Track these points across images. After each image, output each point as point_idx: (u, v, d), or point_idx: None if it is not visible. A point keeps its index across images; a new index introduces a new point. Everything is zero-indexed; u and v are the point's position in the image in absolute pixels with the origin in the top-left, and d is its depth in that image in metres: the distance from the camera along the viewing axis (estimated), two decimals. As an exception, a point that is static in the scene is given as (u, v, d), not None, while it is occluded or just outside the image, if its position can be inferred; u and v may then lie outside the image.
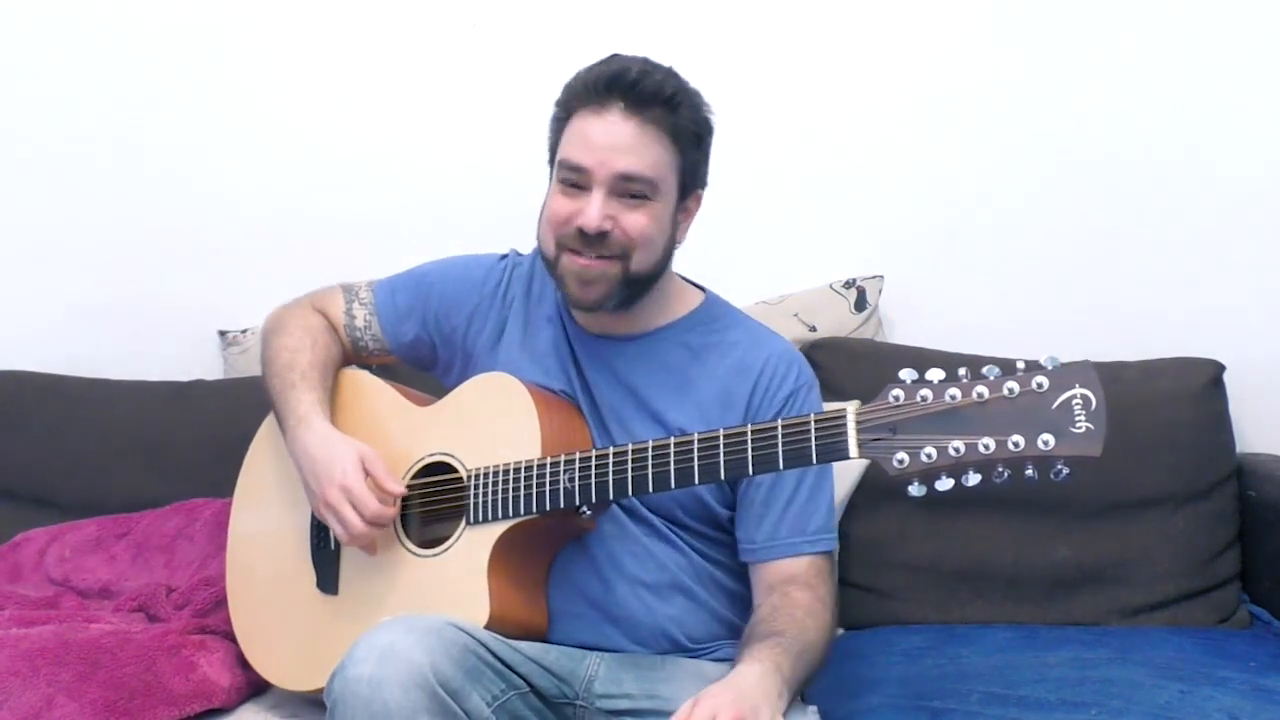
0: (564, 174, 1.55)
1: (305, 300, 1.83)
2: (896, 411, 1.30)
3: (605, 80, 1.53)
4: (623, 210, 1.54)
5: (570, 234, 1.55)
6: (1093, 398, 1.24)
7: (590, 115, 1.53)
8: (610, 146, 1.52)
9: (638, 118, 1.52)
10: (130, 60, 2.49)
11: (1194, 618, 2.03)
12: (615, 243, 1.54)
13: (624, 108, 1.52)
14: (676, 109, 1.54)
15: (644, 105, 1.52)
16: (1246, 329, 2.26)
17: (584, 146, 1.53)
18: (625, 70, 1.53)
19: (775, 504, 1.58)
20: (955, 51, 2.34)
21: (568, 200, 1.55)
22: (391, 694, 1.32)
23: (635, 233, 1.54)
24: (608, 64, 1.55)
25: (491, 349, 1.71)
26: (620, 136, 1.52)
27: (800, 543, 1.58)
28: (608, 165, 1.52)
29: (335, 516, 1.59)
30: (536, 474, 1.52)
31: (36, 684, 1.63)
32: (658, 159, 1.54)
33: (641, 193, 1.54)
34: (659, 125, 1.53)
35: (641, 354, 1.65)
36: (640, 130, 1.52)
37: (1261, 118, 2.28)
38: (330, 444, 1.63)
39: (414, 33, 2.44)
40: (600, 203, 1.52)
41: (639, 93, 1.52)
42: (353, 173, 2.47)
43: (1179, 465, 2.07)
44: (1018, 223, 2.35)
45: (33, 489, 2.28)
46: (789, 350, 1.68)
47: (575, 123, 1.55)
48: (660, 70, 1.56)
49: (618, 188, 1.53)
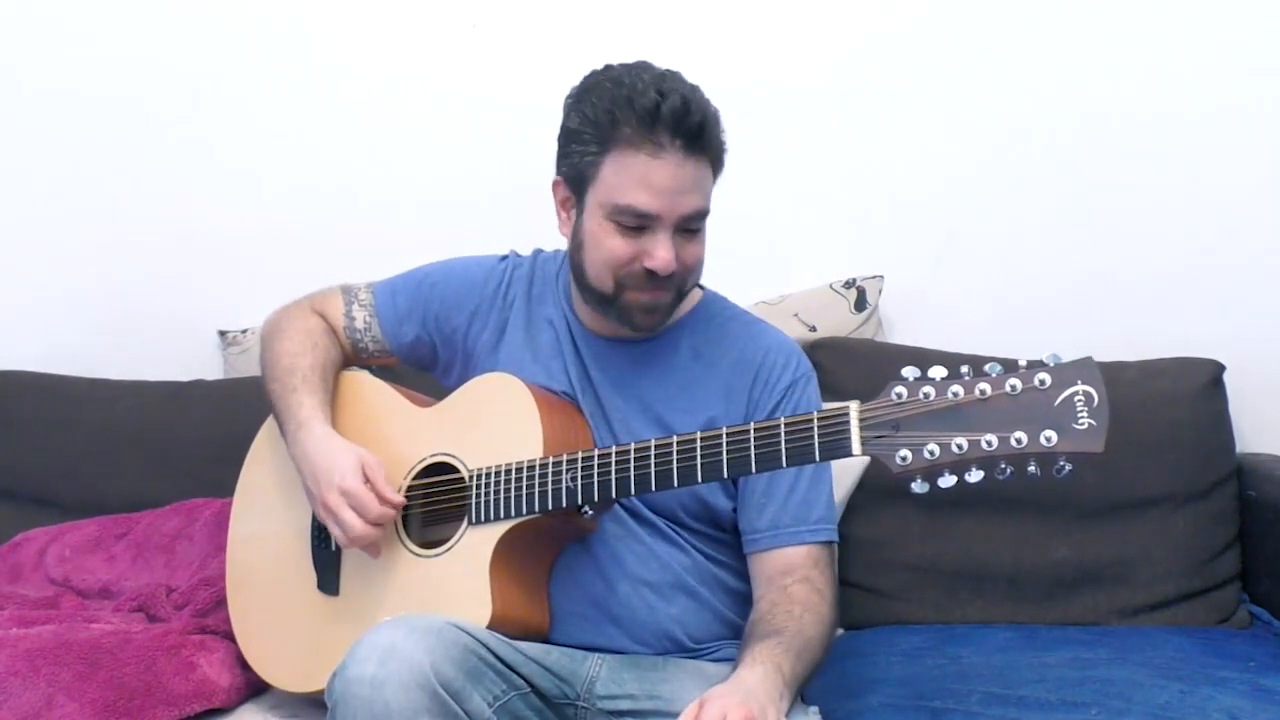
0: (623, 218, 1.52)
1: (304, 302, 1.83)
2: (899, 409, 1.31)
3: (668, 119, 1.47)
4: (683, 245, 1.55)
5: (635, 273, 1.54)
6: (1095, 394, 1.25)
7: (645, 157, 1.49)
8: (676, 190, 1.50)
9: (694, 159, 1.50)
10: (130, 60, 2.50)
11: (1194, 618, 2.03)
12: (678, 276, 1.56)
13: (683, 149, 1.49)
14: (719, 144, 1.55)
15: (702, 147, 1.51)
16: (1246, 329, 2.26)
17: (648, 191, 1.50)
18: (685, 109, 1.48)
19: (777, 493, 1.58)
20: (955, 51, 2.34)
21: (627, 242, 1.53)
22: (393, 694, 1.32)
23: (693, 262, 1.57)
24: (656, 93, 1.48)
25: (493, 350, 1.71)
26: (684, 180, 1.50)
27: (803, 531, 1.58)
28: (676, 209, 1.51)
29: (335, 519, 1.59)
30: (539, 473, 1.52)
31: (36, 684, 1.63)
32: (709, 190, 1.55)
33: (698, 226, 1.55)
34: (706, 159, 1.53)
35: (645, 355, 1.65)
36: (697, 170, 1.52)
37: (1262, 117, 2.28)
38: (331, 448, 1.63)
39: (414, 33, 2.44)
40: (669, 244, 1.52)
41: (701, 136, 1.50)
42: (353, 173, 2.47)
43: (1179, 465, 2.07)
44: (1018, 223, 2.35)
45: (33, 489, 2.29)
46: (787, 342, 1.69)
47: (624, 160, 1.50)
48: (698, 96, 1.51)
49: (683, 224, 1.54)
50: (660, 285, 1.55)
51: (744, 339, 1.67)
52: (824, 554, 1.60)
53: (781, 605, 1.51)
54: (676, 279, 1.56)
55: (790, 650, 1.44)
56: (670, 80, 1.51)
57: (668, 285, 1.56)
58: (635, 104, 1.48)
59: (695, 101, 1.50)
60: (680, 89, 1.50)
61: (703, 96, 1.53)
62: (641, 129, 1.48)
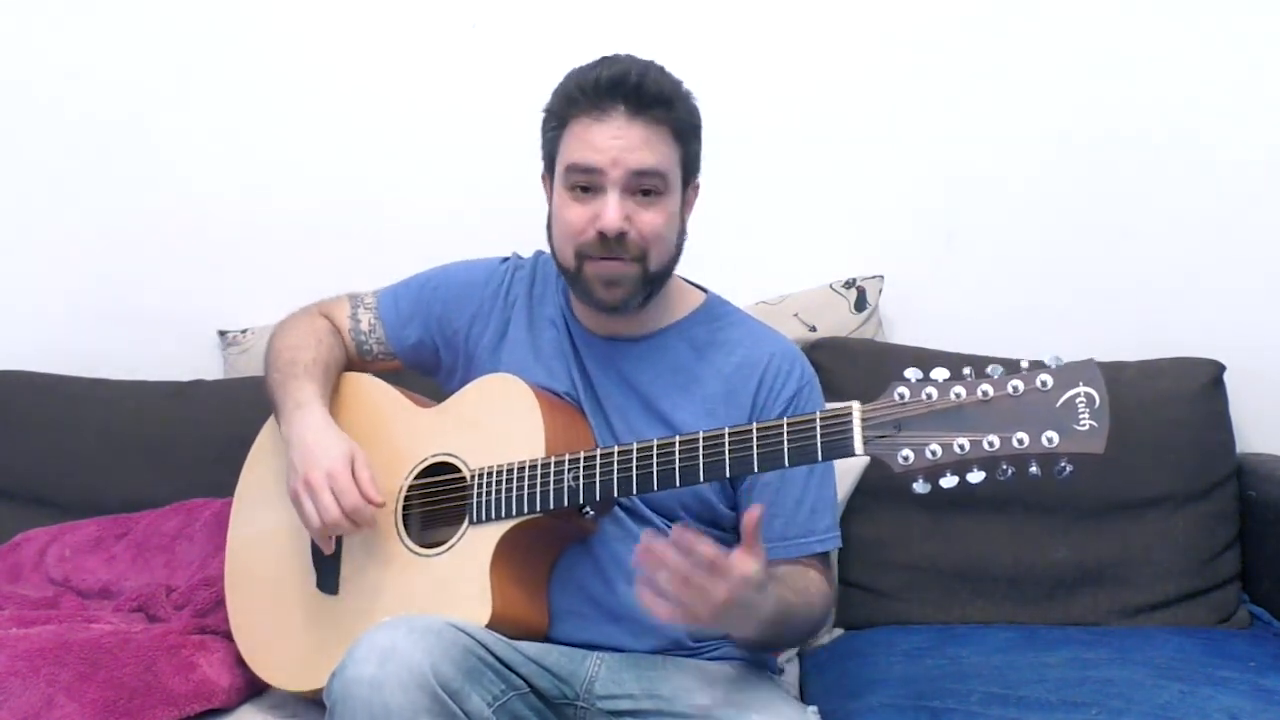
0: (574, 178, 1.55)
1: (312, 308, 1.85)
2: (902, 409, 1.31)
3: (606, 84, 1.53)
4: (637, 210, 1.54)
5: (590, 240, 1.55)
6: (1096, 395, 1.25)
7: (591, 121, 1.53)
8: (622, 148, 1.52)
9: (641, 119, 1.53)
10: (131, 60, 2.49)
11: (1194, 618, 2.03)
12: (633, 244, 1.55)
13: (625, 110, 1.53)
14: (674, 105, 1.55)
15: (646, 106, 1.53)
16: (1246, 329, 2.26)
17: (592, 149, 1.53)
18: (625, 73, 1.53)
19: (785, 505, 1.59)
20: (955, 50, 2.34)
21: (581, 206, 1.55)
22: (392, 695, 1.32)
23: (650, 231, 1.55)
24: (602, 67, 1.54)
25: (494, 351, 1.71)
26: (630, 138, 1.52)
27: (811, 542, 1.60)
28: (621, 164, 1.52)
29: (313, 498, 1.58)
30: (540, 473, 1.52)
31: (36, 684, 1.63)
32: (665, 154, 1.55)
33: (654, 188, 1.55)
34: (661, 123, 1.54)
35: (646, 354, 1.65)
36: (646, 130, 1.53)
37: (1262, 116, 2.28)
38: (325, 432, 1.63)
39: (414, 33, 2.44)
40: (617, 202, 1.53)
41: (641, 95, 1.52)
42: (353, 173, 2.47)
43: (1179, 465, 2.07)
44: (1017, 223, 2.35)
45: (33, 489, 2.28)
46: (791, 348, 1.69)
47: (575, 129, 1.55)
48: (653, 69, 1.56)
49: (631, 185, 1.53)
50: (616, 253, 1.54)
51: (748, 342, 1.67)
52: (828, 558, 1.64)
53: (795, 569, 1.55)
54: (634, 250, 1.55)
55: (792, 587, 1.48)
56: (626, 60, 1.55)
57: (623, 254, 1.55)
58: (585, 77, 1.55)
59: (638, 68, 1.54)
60: (629, 61, 1.55)
61: (657, 68, 1.56)
62: (587, 98, 1.54)
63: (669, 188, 1.56)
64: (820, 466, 1.55)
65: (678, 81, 1.58)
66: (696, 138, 1.60)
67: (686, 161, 1.59)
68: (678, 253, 1.62)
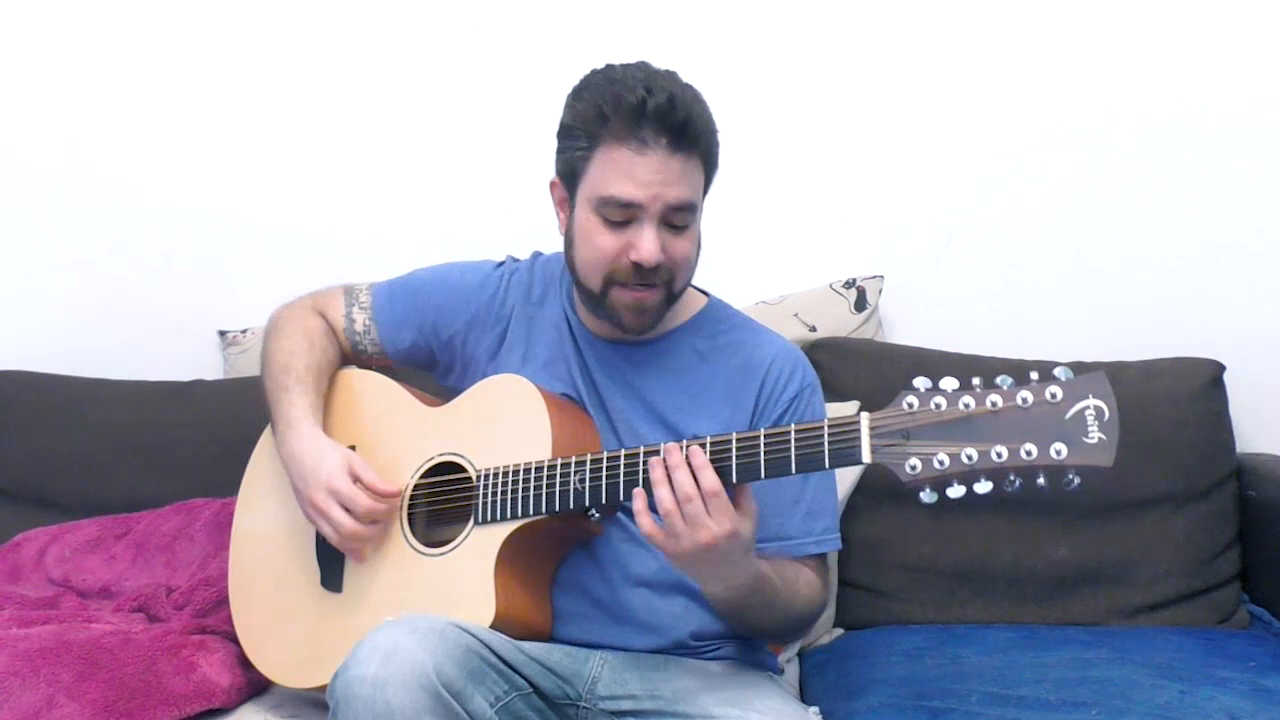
0: (608, 210, 1.52)
1: (307, 300, 1.83)
2: (910, 418, 1.30)
3: (653, 115, 1.48)
4: (670, 239, 1.54)
5: (623, 269, 1.54)
6: (1106, 409, 1.25)
7: (631, 153, 1.49)
8: (661, 183, 1.50)
9: (681, 153, 1.50)
10: (131, 60, 2.49)
11: (1194, 618, 2.03)
12: (665, 271, 1.55)
13: (669, 144, 1.49)
14: (710, 138, 1.54)
15: (691, 142, 1.51)
16: (1246, 329, 2.26)
17: (632, 183, 1.50)
18: (670, 105, 1.48)
19: (783, 506, 1.59)
20: (955, 50, 2.34)
21: (614, 235, 1.53)
22: (394, 695, 1.32)
23: (681, 258, 1.55)
24: (644, 90, 1.48)
25: (492, 356, 1.71)
26: (669, 173, 1.50)
27: (808, 543, 1.60)
28: (660, 198, 1.51)
29: (324, 518, 1.60)
30: (546, 474, 1.52)
31: (36, 684, 1.63)
32: (697, 185, 1.55)
33: (686, 221, 1.54)
34: (697, 156, 1.52)
35: (650, 358, 1.65)
36: (684, 163, 1.51)
37: (1262, 117, 2.28)
38: (317, 449, 1.63)
39: (414, 33, 2.44)
40: (654, 235, 1.52)
41: (687, 130, 1.49)
42: (352, 173, 2.47)
43: (1179, 465, 2.07)
44: (1018, 223, 2.35)
45: (33, 489, 2.28)
46: (793, 351, 1.68)
47: (611, 154, 1.51)
48: (694, 100, 1.52)
49: (666, 217, 1.53)
50: (647, 282, 1.55)
51: (750, 345, 1.66)
52: (822, 562, 1.63)
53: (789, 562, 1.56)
54: (664, 276, 1.55)
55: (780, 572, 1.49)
56: (662, 79, 1.52)
57: (654, 282, 1.55)
58: (622, 100, 1.49)
59: (683, 99, 1.49)
60: (671, 87, 1.50)
61: (694, 95, 1.52)
62: (627, 125, 1.49)
63: (697, 216, 1.57)
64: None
65: (707, 106, 1.54)
66: (716, 158, 1.58)
67: (706, 186, 1.58)
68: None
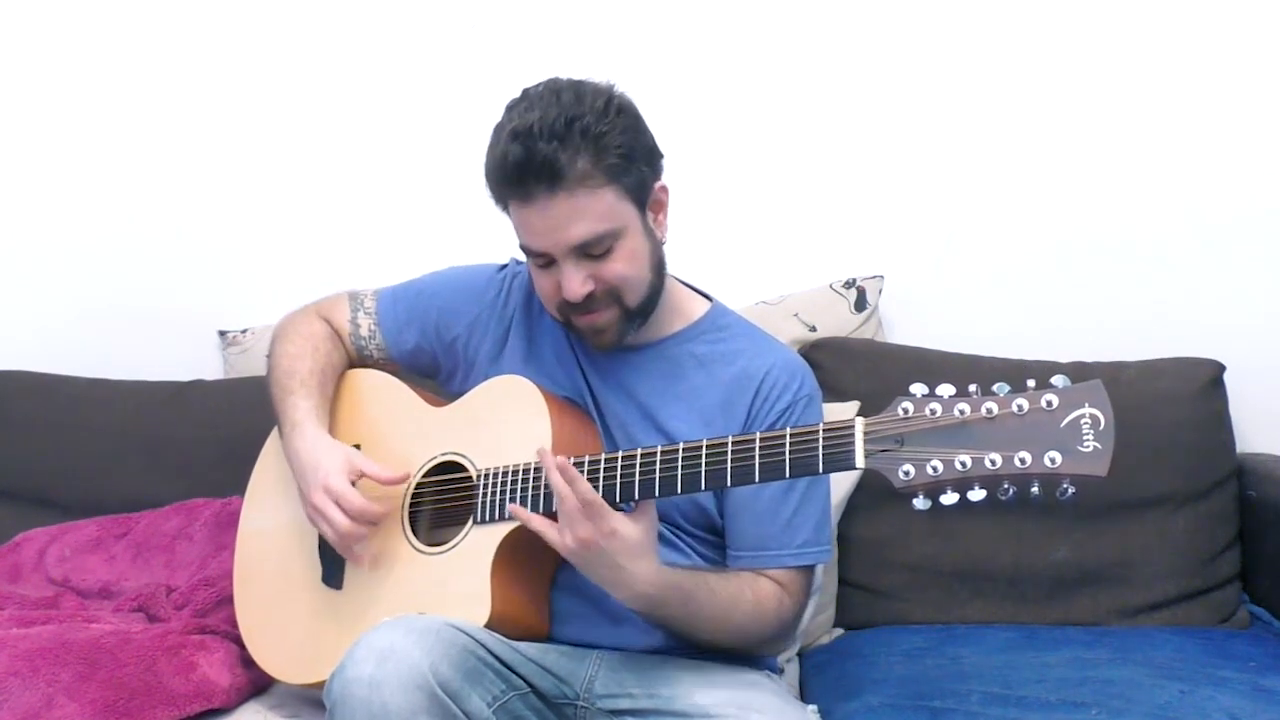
0: (532, 258, 1.56)
1: (312, 307, 1.84)
2: (905, 424, 1.30)
3: (514, 171, 1.47)
4: (597, 267, 1.53)
5: (564, 303, 1.56)
6: (1102, 417, 1.24)
7: (519, 205, 1.51)
8: (553, 229, 1.50)
9: (563, 191, 1.47)
10: (131, 60, 2.50)
11: (1194, 618, 2.03)
12: (603, 295, 1.55)
13: (546, 190, 1.47)
14: (596, 156, 1.48)
15: (562, 178, 1.46)
16: (1246, 329, 2.26)
17: (531, 233, 1.52)
18: (529, 154, 1.45)
19: (763, 515, 1.58)
20: (955, 50, 2.34)
21: (547, 276, 1.56)
22: (391, 695, 1.32)
23: (615, 279, 1.54)
24: (502, 146, 1.49)
25: (494, 359, 1.71)
26: (557, 216, 1.49)
27: (784, 555, 1.58)
28: (561, 243, 1.51)
29: (322, 519, 1.60)
30: (546, 476, 1.52)
31: (36, 684, 1.63)
32: (604, 209, 1.50)
33: (604, 248, 1.52)
34: (588, 182, 1.48)
35: (647, 364, 1.65)
36: (571, 200, 1.48)
37: (1261, 117, 2.28)
38: (318, 449, 1.63)
39: (413, 33, 2.44)
40: (572, 274, 1.52)
41: (555, 171, 1.46)
42: (352, 173, 2.47)
43: (1179, 465, 2.07)
44: (1018, 223, 2.35)
45: (33, 489, 2.28)
46: (794, 361, 1.67)
47: (512, 210, 1.54)
48: (565, 128, 1.46)
49: (581, 252, 1.52)
50: (591, 308, 1.55)
51: (749, 353, 1.65)
52: (801, 576, 1.61)
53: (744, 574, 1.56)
54: (609, 297, 1.55)
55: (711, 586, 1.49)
56: (538, 114, 1.47)
57: (598, 306, 1.55)
58: (493, 162, 1.52)
59: (544, 137, 1.45)
60: (540, 131, 1.45)
61: (566, 121, 1.46)
62: (507, 184, 1.51)
63: (621, 234, 1.53)
64: (803, 479, 1.55)
65: (598, 113, 1.48)
66: (636, 160, 1.52)
67: (634, 189, 1.53)
68: (659, 274, 1.60)
